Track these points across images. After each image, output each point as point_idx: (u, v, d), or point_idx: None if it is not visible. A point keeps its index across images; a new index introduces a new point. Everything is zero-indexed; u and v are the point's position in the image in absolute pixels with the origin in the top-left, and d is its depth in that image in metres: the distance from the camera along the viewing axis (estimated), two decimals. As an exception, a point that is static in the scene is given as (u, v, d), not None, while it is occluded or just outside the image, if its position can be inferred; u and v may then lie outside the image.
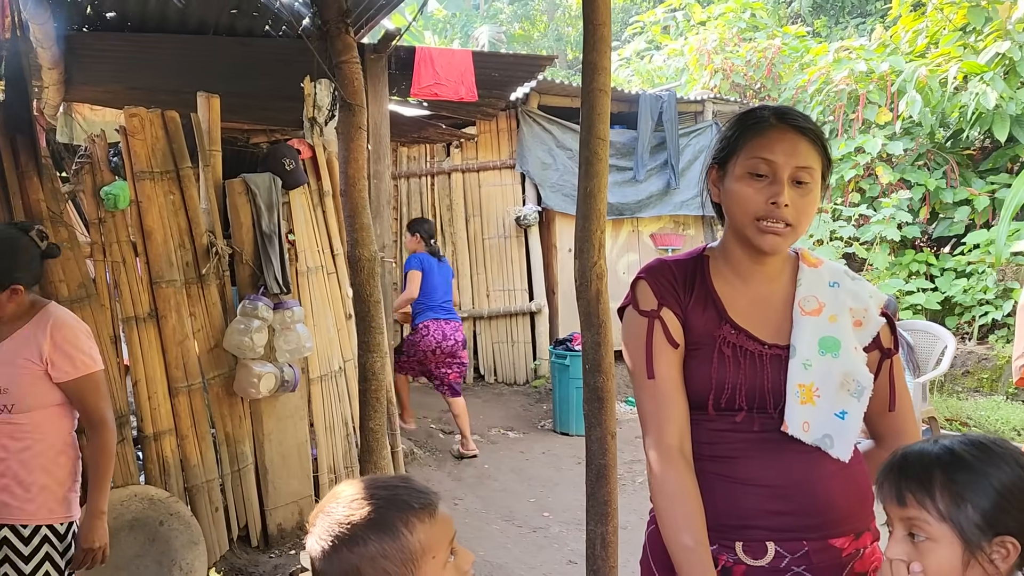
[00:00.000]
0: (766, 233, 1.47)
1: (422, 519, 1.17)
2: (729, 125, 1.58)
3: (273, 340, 3.97)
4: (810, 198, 1.48)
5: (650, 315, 1.53)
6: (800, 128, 1.49)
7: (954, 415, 6.41)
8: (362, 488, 1.21)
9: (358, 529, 1.15)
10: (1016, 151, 8.62)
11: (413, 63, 5.97)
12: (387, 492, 1.20)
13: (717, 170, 1.57)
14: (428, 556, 1.17)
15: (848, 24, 14.84)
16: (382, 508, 1.17)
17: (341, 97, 3.45)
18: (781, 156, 1.46)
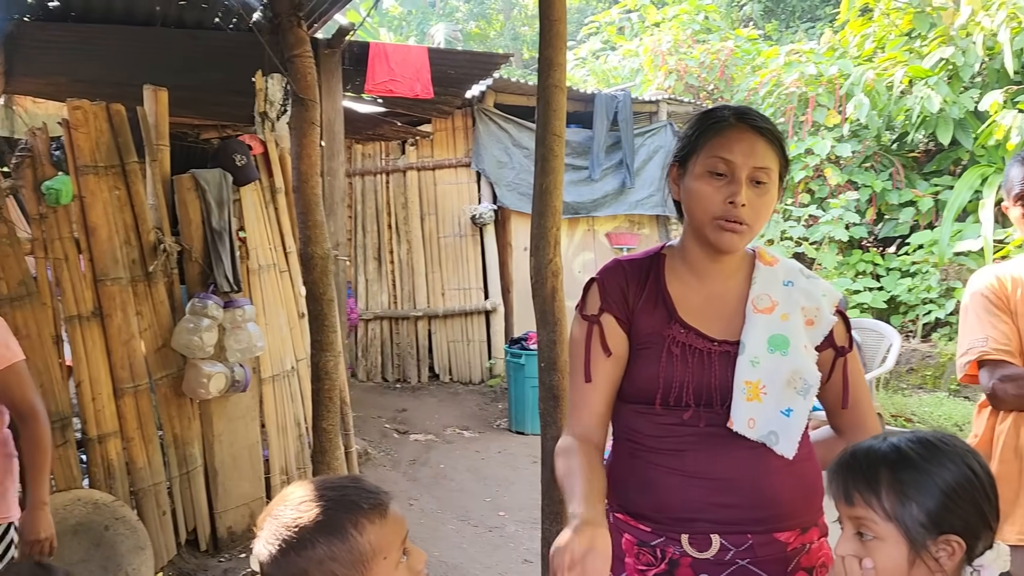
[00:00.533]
0: (724, 231, 1.49)
1: (372, 520, 1.15)
2: (690, 124, 1.60)
3: (223, 339, 3.89)
4: (767, 198, 1.51)
5: (591, 320, 1.58)
6: (759, 128, 1.51)
7: (899, 411, 6.56)
8: (311, 490, 1.18)
9: (306, 532, 1.13)
10: (959, 154, 8.85)
11: (367, 59, 5.91)
12: (336, 493, 1.18)
13: (678, 168, 1.58)
14: (379, 557, 1.15)
15: (798, 28, 15.10)
16: (331, 510, 1.15)
17: (293, 92, 3.40)
18: (739, 156, 1.48)
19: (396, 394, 7.71)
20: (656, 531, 1.51)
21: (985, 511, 1.20)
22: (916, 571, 1.19)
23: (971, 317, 2.17)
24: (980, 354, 2.09)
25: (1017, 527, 2.06)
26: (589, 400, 1.56)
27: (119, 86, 4.95)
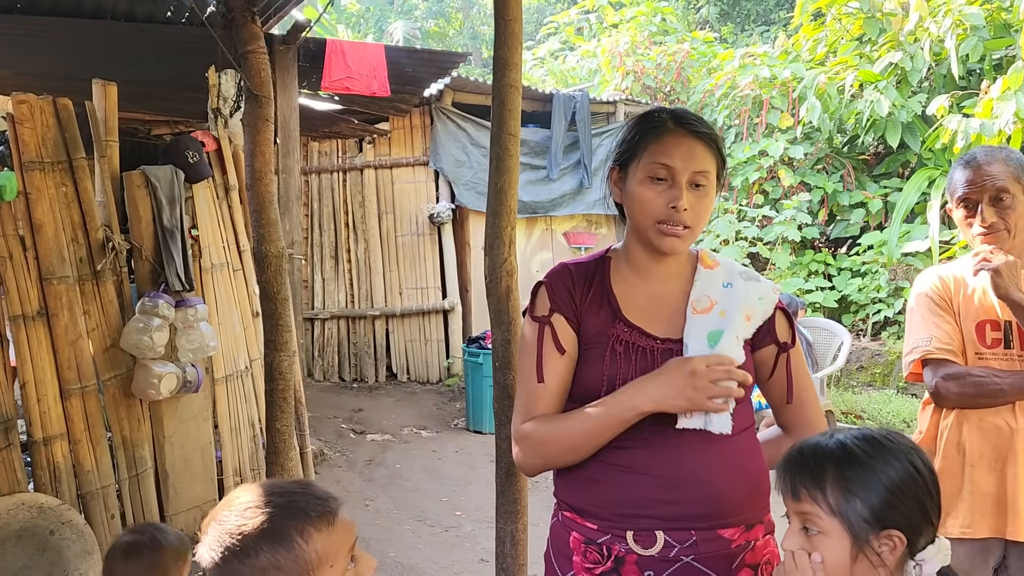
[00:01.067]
0: (666, 236, 1.53)
1: (319, 528, 1.14)
2: (629, 127, 1.62)
3: (175, 339, 3.83)
4: (706, 200, 1.55)
5: (542, 321, 1.59)
6: (697, 133, 1.54)
7: (849, 408, 6.70)
8: (258, 495, 1.16)
9: (249, 540, 1.11)
10: (907, 157, 9.06)
11: (324, 56, 5.86)
12: (283, 499, 1.16)
13: (618, 171, 1.61)
14: (325, 565, 1.13)
15: (753, 31, 15.33)
16: (276, 517, 1.13)
17: (247, 88, 3.35)
18: (679, 161, 1.52)
19: (353, 394, 7.66)
20: (602, 528, 1.52)
21: (927, 507, 1.23)
22: (858, 565, 1.21)
23: (916, 317, 2.23)
24: (924, 353, 2.15)
25: (960, 521, 2.11)
26: (541, 402, 1.56)
27: (67, 80, 4.84)
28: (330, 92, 6.35)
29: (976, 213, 2.12)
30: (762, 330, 1.61)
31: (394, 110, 7.56)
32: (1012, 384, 2.05)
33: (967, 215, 2.16)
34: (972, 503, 2.09)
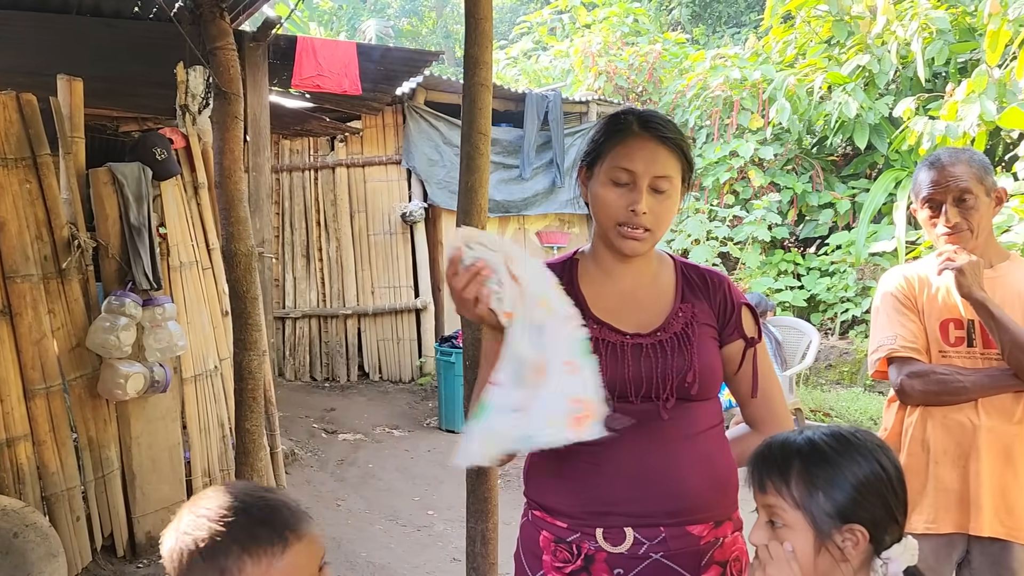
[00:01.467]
0: (626, 238, 1.55)
1: (257, 558, 1.07)
2: (597, 128, 1.64)
3: (142, 338, 3.78)
4: (668, 204, 1.56)
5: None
6: (661, 137, 1.55)
7: (818, 406, 6.77)
8: (216, 504, 1.11)
9: (187, 552, 1.08)
10: (874, 158, 9.19)
11: (295, 53, 5.81)
12: (233, 517, 1.10)
13: (586, 171, 1.63)
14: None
15: (724, 33, 15.46)
16: (218, 536, 1.08)
17: (216, 85, 3.31)
18: (640, 165, 1.53)
19: (324, 393, 7.61)
20: (572, 526, 1.52)
21: (891, 505, 1.25)
22: (821, 560, 1.23)
23: (881, 316, 2.26)
24: (889, 351, 2.18)
25: (924, 516, 2.15)
26: None
27: (31, 75, 4.75)
28: (301, 90, 6.30)
29: (940, 213, 2.16)
30: (730, 325, 1.62)
31: (366, 108, 7.52)
32: (975, 382, 2.08)
33: (931, 215, 2.19)
34: (936, 499, 2.13)
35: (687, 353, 1.54)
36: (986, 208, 2.15)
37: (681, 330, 1.57)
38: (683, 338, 1.56)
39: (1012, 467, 2.08)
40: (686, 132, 9.89)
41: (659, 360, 1.53)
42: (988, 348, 2.11)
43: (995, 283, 2.13)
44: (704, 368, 1.55)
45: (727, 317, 1.63)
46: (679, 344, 1.55)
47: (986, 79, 6.40)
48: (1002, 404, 2.09)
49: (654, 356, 1.54)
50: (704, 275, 1.67)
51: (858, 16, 8.99)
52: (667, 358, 1.53)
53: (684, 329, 1.57)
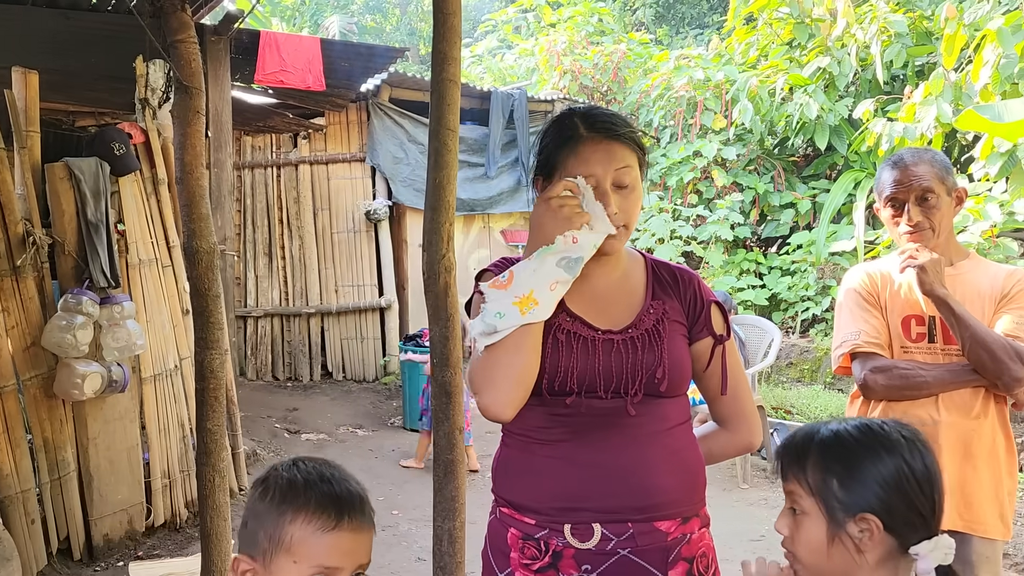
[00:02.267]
0: (606, 240, 1.53)
1: (308, 519, 1.17)
2: (544, 135, 1.62)
3: (99, 337, 3.70)
4: (634, 196, 1.56)
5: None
6: (611, 135, 1.54)
7: (780, 404, 6.86)
8: (314, 467, 1.25)
9: (268, 486, 1.21)
10: (834, 159, 9.33)
11: (258, 48, 5.74)
12: (314, 479, 1.22)
13: (543, 181, 1.61)
14: (289, 557, 1.16)
15: (688, 34, 15.59)
16: (297, 487, 1.20)
17: (177, 79, 3.25)
18: (599, 167, 1.52)
19: (287, 393, 7.53)
20: (540, 523, 1.52)
21: (913, 500, 1.20)
22: (836, 550, 1.22)
23: (844, 312, 2.29)
24: (853, 347, 2.21)
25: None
26: None
27: (-16, 67, 4.63)
28: (264, 85, 6.23)
29: (903, 212, 2.19)
30: (699, 322, 1.63)
31: (330, 105, 7.45)
32: (936, 377, 2.12)
33: (894, 214, 2.23)
34: (897, 493, 2.16)
35: (657, 349, 1.54)
36: (947, 207, 2.19)
37: (652, 327, 1.57)
38: (653, 334, 1.56)
39: (970, 461, 2.12)
40: (650, 132, 9.96)
41: (629, 356, 1.53)
42: (949, 344, 2.15)
43: (956, 280, 2.17)
44: (673, 364, 1.55)
45: (697, 314, 1.63)
46: (649, 340, 1.55)
47: (942, 82, 6.53)
48: (961, 399, 2.13)
49: (624, 352, 1.54)
50: (674, 272, 1.68)
51: (819, 19, 9.12)
52: (637, 354, 1.54)
53: (655, 326, 1.57)
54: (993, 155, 5.87)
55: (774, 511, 5.06)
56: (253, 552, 1.19)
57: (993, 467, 2.13)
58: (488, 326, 1.44)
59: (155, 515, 4.24)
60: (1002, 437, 2.15)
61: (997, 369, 2.05)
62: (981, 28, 6.22)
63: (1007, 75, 5.87)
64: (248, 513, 1.22)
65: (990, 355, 2.04)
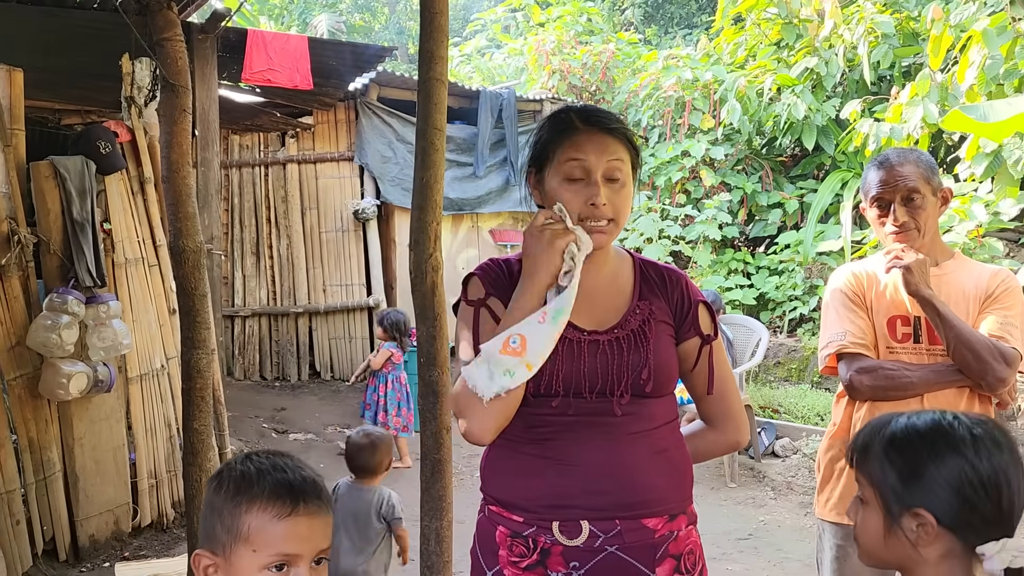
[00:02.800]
0: (591, 233, 1.54)
1: (263, 508, 1.18)
2: (539, 128, 1.64)
3: (85, 337, 3.68)
4: (625, 191, 1.57)
5: (477, 303, 1.60)
6: (606, 129, 1.57)
7: (767, 403, 6.88)
8: (266, 458, 1.25)
9: (222, 479, 1.22)
10: (822, 159, 9.37)
11: (245, 46, 5.71)
12: (267, 469, 1.22)
13: (535, 174, 1.63)
14: (248, 547, 1.17)
15: (676, 34, 15.62)
16: (250, 477, 1.20)
17: (163, 77, 3.23)
18: (592, 156, 1.54)
19: (275, 393, 7.50)
20: (528, 520, 1.52)
21: (972, 499, 1.17)
22: (893, 541, 1.21)
23: (831, 312, 2.30)
24: (839, 347, 2.22)
25: (870, 509, 2.19)
26: None
27: (-32, 65, 4.59)
28: (251, 84, 6.20)
29: (889, 212, 2.20)
30: (686, 323, 1.63)
31: (318, 104, 7.43)
32: (921, 377, 2.13)
33: (880, 214, 2.24)
34: (883, 492, 2.17)
35: (643, 350, 1.55)
36: (933, 207, 2.20)
37: (638, 327, 1.58)
38: (640, 335, 1.57)
39: (956, 461, 2.13)
40: (639, 132, 9.97)
41: (615, 357, 1.54)
42: (934, 344, 2.16)
43: (941, 281, 2.18)
44: (659, 365, 1.56)
45: (684, 314, 1.64)
46: (635, 341, 1.56)
47: (929, 83, 6.56)
48: (946, 399, 2.14)
49: (610, 353, 1.54)
50: (662, 272, 1.68)
51: (806, 19, 9.15)
52: (623, 355, 1.54)
53: (641, 326, 1.58)
54: (979, 155, 5.91)
55: (761, 510, 5.08)
56: (213, 547, 1.20)
57: (977, 466, 2.14)
58: (500, 387, 1.45)
59: (141, 515, 4.22)
60: (986, 436, 2.17)
61: (981, 369, 2.06)
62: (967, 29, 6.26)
63: (992, 76, 5.91)
64: (205, 509, 1.23)
65: (974, 355, 2.06)
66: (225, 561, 1.19)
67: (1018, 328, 2.12)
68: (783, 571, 4.09)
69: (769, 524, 4.81)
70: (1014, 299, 2.16)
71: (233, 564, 1.18)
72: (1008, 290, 2.16)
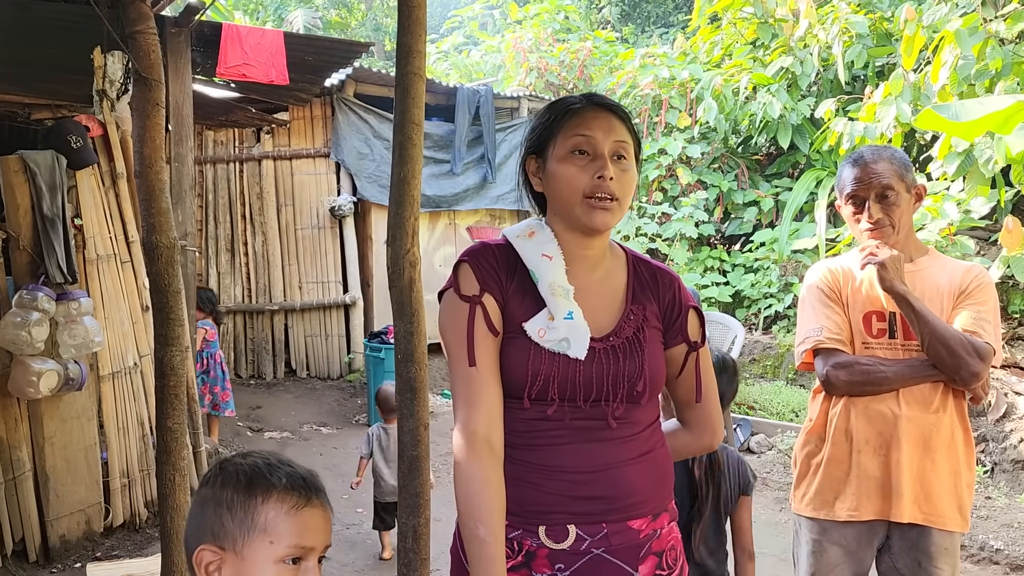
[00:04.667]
0: (596, 210, 1.51)
1: (281, 499, 1.18)
2: (541, 114, 1.61)
3: (56, 334, 3.62)
4: (630, 174, 1.55)
5: (472, 300, 1.52)
6: (610, 107, 1.56)
7: (743, 399, 6.93)
8: (267, 454, 1.26)
9: (228, 474, 1.21)
10: (797, 158, 9.45)
11: (219, 41, 5.64)
12: (275, 462, 1.23)
13: (535, 159, 1.59)
14: (265, 538, 1.16)
15: (653, 33, 15.66)
16: (261, 470, 1.21)
17: (136, 71, 3.18)
18: (599, 131, 1.52)
19: (250, 391, 7.43)
20: (514, 524, 1.50)
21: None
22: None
23: (807, 308, 2.31)
24: (815, 343, 2.23)
25: (847, 504, 2.21)
26: (484, 391, 1.49)
27: (-66, 57, 4.50)
28: (226, 79, 6.13)
29: (864, 209, 2.22)
30: (675, 328, 1.62)
31: (294, 99, 7.36)
32: (896, 372, 2.15)
33: (855, 211, 2.25)
34: (859, 487, 2.19)
35: (638, 359, 1.53)
36: (907, 204, 2.22)
37: (632, 335, 1.55)
38: (634, 343, 1.54)
39: (930, 455, 2.15)
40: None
41: (611, 366, 1.51)
42: (909, 339, 2.18)
43: (915, 277, 2.20)
44: (653, 374, 1.54)
45: (673, 319, 1.62)
46: (630, 350, 1.53)
47: (902, 82, 6.63)
48: (921, 394, 2.16)
49: (606, 361, 1.52)
50: (655, 273, 1.65)
51: (781, 19, 9.22)
52: (619, 363, 1.52)
53: (635, 334, 1.55)
54: (951, 154, 5.98)
55: (737, 506, 5.10)
56: (220, 542, 1.18)
57: (952, 460, 2.17)
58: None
59: (114, 515, 4.16)
60: (960, 431, 2.19)
61: (955, 364, 2.08)
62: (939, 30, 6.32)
63: (964, 76, 5.98)
64: (205, 505, 1.20)
65: (948, 350, 2.08)
66: (236, 555, 1.17)
67: (991, 323, 2.15)
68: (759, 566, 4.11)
69: (745, 520, 4.83)
70: (987, 295, 2.19)
71: (247, 558, 1.16)
72: (981, 286, 2.19)
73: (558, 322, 1.50)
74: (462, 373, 1.50)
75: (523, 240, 1.58)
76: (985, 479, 5.09)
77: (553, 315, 1.50)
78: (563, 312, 1.50)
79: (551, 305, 1.51)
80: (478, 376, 1.49)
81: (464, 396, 1.50)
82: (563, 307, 1.51)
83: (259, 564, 1.16)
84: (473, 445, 1.46)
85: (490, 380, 1.50)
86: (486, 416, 1.48)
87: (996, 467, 5.17)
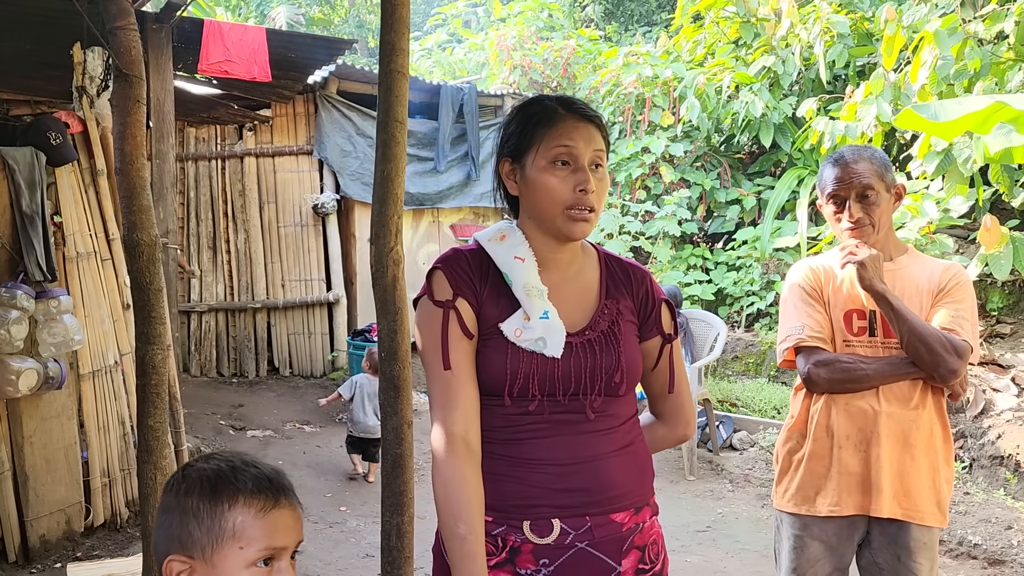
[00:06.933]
0: (576, 221, 1.53)
1: (248, 503, 1.16)
2: (513, 118, 1.62)
3: (35, 332, 3.59)
4: (605, 181, 1.58)
5: (445, 305, 1.54)
6: (588, 116, 1.57)
7: (725, 397, 6.97)
8: (230, 456, 1.24)
9: (192, 481, 1.19)
10: (779, 156, 9.50)
11: (201, 37, 5.61)
12: (240, 465, 1.21)
13: (511, 163, 1.60)
14: (235, 544, 1.14)
15: (636, 31, 15.69)
16: (226, 474, 1.18)
17: (116, 67, 3.15)
18: (580, 143, 1.53)
19: (232, 389, 7.40)
20: (497, 520, 1.51)
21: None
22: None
23: (789, 307, 2.33)
24: (797, 341, 2.25)
25: (828, 500, 2.23)
26: (460, 393, 1.50)
27: (-90, 52, 4.45)
28: (208, 75, 6.09)
29: (844, 209, 2.24)
30: (650, 321, 1.64)
31: (276, 96, 7.33)
32: (876, 370, 2.18)
33: (836, 211, 2.28)
34: (839, 483, 2.22)
35: (614, 352, 1.55)
36: (887, 204, 2.24)
37: (608, 328, 1.57)
38: (610, 336, 1.57)
39: (909, 451, 2.18)
40: (599, 128, 10.01)
41: (588, 359, 1.53)
42: (888, 337, 2.21)
43: (895, 275, 2.23)
44: (630, 366, 1.57)
45: (648, 313, 1.65)
46: (606, 343, 1.56)
47: (882, 82, 6.68)
48: (900, 391, 2.18)
49: (583, 355, 1.54)
50: (627, 269, 1.68)
51: (764, 18, 9.26)
52: (595, 357, 1.54)
53: (610, 327, 1.58)
54: (930, 154, 6.03)
55: (719, 502, 5.14)
56: (188, 551, 1.16)
57: (931, 456, 2.19)
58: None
59: (94, 515, 4.13)
60: (939, 427, 2.22)
61: (934, 361, 2.11)
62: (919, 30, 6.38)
63: (943, 76, 6.03)
64: (169, 514, 1.19)
65: (927, 348, 2.10)
66: (205, 563, 1.15)
67: (969, 321, 2.17)
68: (741, 562, 4.15)
69: (727, 516, 4.87)
70: (965, 293, 2.21)
71: (216, 565, 1.15)
72: (959, 284, 2.22)
73: (534, 322, 1.52)
74: (438, 376, 1.52)
75: (495, 244, 1.60)
76: (964, 475, 5.15)
77: (529, 315, 1.52)
78: (538, 312, 1.52)
79: (526, 306, 1.53)
80: (453, 379, 1.51)
81: (440, 398, 1.51)
82: (538, 307, 1.53)
83: (230, 570, 1.15)
84: (451, 445, 1.47)
85: (466, 382, 1.52)
86: (462, 416, 1.49)
87: (974, 463, 5.24)
